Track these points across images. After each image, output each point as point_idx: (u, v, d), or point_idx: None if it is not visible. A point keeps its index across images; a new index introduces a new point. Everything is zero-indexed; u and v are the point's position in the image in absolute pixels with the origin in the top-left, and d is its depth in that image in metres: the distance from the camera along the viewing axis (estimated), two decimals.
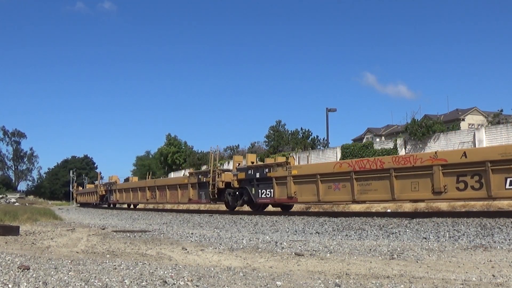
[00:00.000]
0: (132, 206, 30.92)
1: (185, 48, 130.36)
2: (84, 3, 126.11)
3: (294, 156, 34.37)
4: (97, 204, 39.21)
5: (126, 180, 36.15)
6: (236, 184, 17.61)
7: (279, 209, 18.50)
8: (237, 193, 17.95)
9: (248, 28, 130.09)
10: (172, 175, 50.81)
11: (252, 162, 18.23)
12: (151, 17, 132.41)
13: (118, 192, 29.81)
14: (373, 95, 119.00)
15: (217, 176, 18.57)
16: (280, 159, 17.55)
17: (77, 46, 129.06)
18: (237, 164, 18.76)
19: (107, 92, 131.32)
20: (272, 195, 15.85)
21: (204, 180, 19.50)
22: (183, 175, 47.35)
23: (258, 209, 17.52)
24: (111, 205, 32.83)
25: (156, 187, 24.11)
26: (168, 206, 28.52)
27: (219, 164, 19.09)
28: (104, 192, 33.10)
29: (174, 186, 22.28)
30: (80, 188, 48.64)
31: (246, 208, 19.17)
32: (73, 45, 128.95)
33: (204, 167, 46.85)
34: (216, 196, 18.58)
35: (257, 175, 16.49)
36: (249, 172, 16.94)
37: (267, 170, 16.06)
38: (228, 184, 18.31)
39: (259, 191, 16.46)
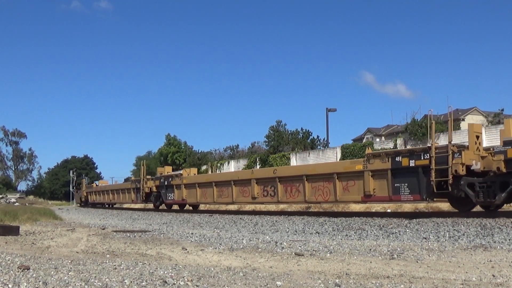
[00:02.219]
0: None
1: (184, 47, 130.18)
2: (80, 2, 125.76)
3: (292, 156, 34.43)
4: (111, 204, 33.43)
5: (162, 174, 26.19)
6: None
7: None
8: None
9: (248, 28, 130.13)
10: None
11: None
12: (148, 16, 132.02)
13: (185, 188, 21.17)
14: (372, 94, 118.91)
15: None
16: None
17: (76, 45, 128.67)
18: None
19: (107, 92, 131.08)
20: None
21: (442, 164, 11.43)
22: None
23: None
24: (167, 207, 24.37)
25: (277, 179, 15.96)
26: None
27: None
28: (155, 189, 24.23)
29: (326, 177, 14.52)
30: (95, 185, 39.49)
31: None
32: (72, 44, 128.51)
33: (204, 167, 46.82)
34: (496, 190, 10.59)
35: None
36: None
37: None
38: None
39: None
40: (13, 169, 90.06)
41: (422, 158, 12.12)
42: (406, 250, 7.13)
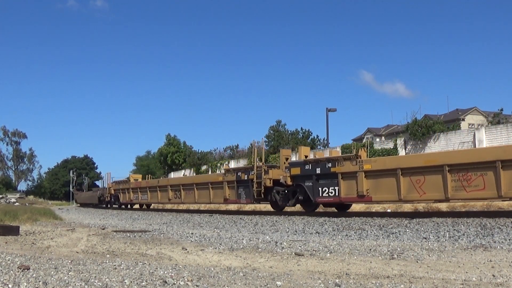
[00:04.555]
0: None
1: (184, 47, 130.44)
2: (76, 1, 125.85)
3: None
4: (146, 205, 27.73)
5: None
6: None
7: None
8: None
9: (248, 28, 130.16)
10: (172, 175, 50.80)
11: None
12: (146, 15, 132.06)
13: (367, 178, 13.53)
14: (371, 94, 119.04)
15: None
16: None
17: (73, 45, 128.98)
18: None
19: (106, 92, 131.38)
20: None
21: None
22: (183, 175, 47.10)
23: None
24: (308, 208, 15.99)
25: None
26: None
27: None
28: (289, 181, 16.02)
29: None
30: (134, 180, 29.03)
31: None
32: (69, 44, 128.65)
33: (203, 167, 46.79)
34: None
35: None
36: None
37: None
38: None
39: None
40: (13, 169, 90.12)
41: None
42: (406, 250, 7.12)
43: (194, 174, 44.08)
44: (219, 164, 44.13)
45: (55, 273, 5.07)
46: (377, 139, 51.41)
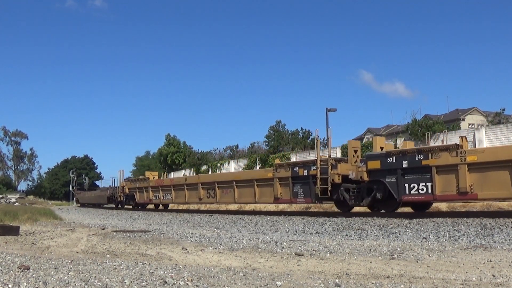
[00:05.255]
0: None
1: (184, 47, 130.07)
2: (74, 1, 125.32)
3: (292, 156, 34.38)
4: (163, 206, 25.16)
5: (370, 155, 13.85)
6: None
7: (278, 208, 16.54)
8: None
9: (248, 28, 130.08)
10: (172, 175, 50.82)
11: None
12: (145, 15, 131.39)
13: (477, 171, 11.36)
14: (371, 93, 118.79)
15: None
16: None
17: (73, 45, 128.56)
18: None
19: (106, 92, 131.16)
20: None
21: None
22: (183, 175, 47.13)
23: None
24: (389, 207, 13.69)
25: None
26: None
27: None
28: (365, 176, 13.59)
29: None
30: (152, 178, 25.98)
31: None
32: (68, 44, 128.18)
33: (203, 167, 46.79)
34: None
35: None
36: None
37: None
38: None
39: None
40: (13, 169, 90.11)
41: None
42: (406, 250, 7.13)
43: (194, 174, 44.07)
44: (219, 164, 44.12)
45: (55, 273, 5.07)
46: None
